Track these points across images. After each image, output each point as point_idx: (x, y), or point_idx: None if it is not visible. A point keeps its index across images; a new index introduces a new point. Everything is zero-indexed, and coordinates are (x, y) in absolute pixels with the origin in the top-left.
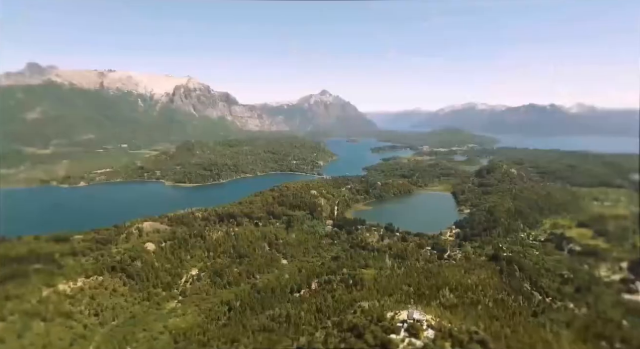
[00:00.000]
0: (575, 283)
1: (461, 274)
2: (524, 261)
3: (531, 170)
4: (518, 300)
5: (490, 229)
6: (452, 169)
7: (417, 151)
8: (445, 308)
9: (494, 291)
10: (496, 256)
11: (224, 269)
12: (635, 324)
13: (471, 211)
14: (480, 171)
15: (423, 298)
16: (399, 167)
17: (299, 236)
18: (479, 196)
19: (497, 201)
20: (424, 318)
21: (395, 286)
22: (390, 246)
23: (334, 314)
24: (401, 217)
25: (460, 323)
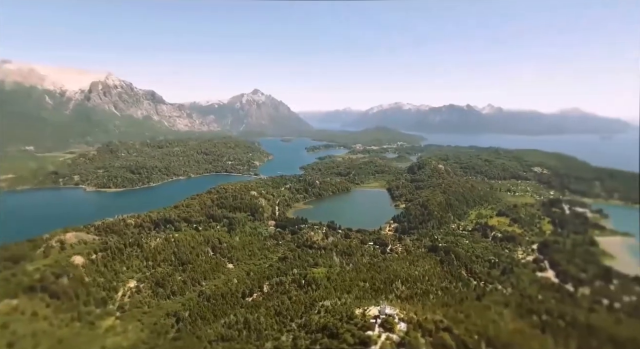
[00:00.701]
0: (500, 266)
1: (407, 267)
2: (458, 250)
3: (455, 166)
4: (459, 286)
5: (425, 222)
6: (386, 167)
7: (350, 149)
8: (402, 301)
9: (439, 280)
10: (434, 247)
11: (166, 279)
12: (547, 297)
13: (407, 205)
14: (411, 167)
15: (379, 292)
16: (335, 166)
17: (243, 239)
18: (412, 191)
19: (430, 195)
20: (394, 312)
21: (351, 283)
22: (336, 244)
23: (296, 315)
24: (342, 215)
25: (423, 313)
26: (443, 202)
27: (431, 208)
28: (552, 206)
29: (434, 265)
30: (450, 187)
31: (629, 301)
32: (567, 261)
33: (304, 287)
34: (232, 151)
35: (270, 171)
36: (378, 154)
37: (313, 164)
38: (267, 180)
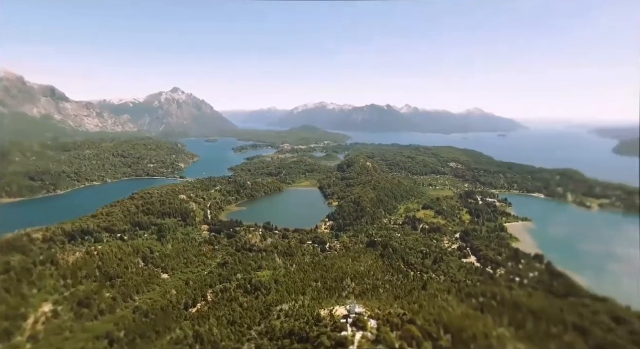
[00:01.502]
0: (431, 256)
1: (351, 263)
2: (394, 243)
3: (382, 163)
4: (400, 278)
5: (359, 218)
6: (315, 165)
7: (278, 149)
8: (355, 297)
9: (382, 274)
10: (372, 242)
11: (90, 297)
12: (474, 281)
13: (339, 203)
14: (340, 165)
15: (332, 291)
16: (264, 166)
17: (176, 246)
18: (343, 188)
19: (361, 192)
20: (363, 310)
21: (303, 284)
22: (275, 245)
23: (254, 323)
24: (277, 215)
25: (385, 308)
26: (374, 198)
27: (363, 204)
28: (468, 197)
29: (376, 259)
30: (379, 183)
31: (533, 276)
32: (485, 246)
33: (251, 292)
34: (154, 152)
35: (197, 172)
36: (306, 153)
37: (242, 165)
38: (195, 182)
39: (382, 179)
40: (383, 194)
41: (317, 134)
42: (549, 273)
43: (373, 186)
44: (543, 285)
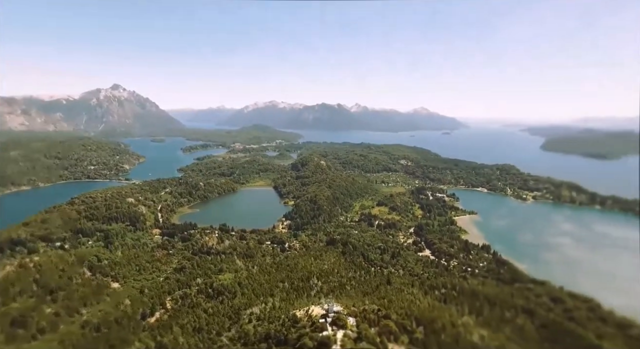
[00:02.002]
0: (389, 251)
1: (314, 262)
2: (352, 240)
3: (335, 161)
4: (362, 275)
5: (316, 216)
6: (269, 165)
7: (230, 148)
8: (325, 296)
9: (345, 271)
10: (332, 240)
11: (27, 315)
12: (431, 273)
13: (296, 202)
14: (295, 164)
15: (301, 291)
16: (216, 166)
17: (126, 253)
18: (299, 187)
19: (317, 190)
20: (341, 309)
21: (269, 286)
22: (234, 247)
23: (223, 328)
24: (232, 216)
25: (359, 305)
26: (330, 197)
27: (320, 203)
28: (419, 193)
29: (338, 257)
30: (335, 181)
31: (483, 266)
32: (438, 239)
33: (214, 297)
34: (94, 153)
35: (144, 174)
36: (259, 153)
37: (192, 165)
38: (144, 185)
39: (337, 177)
40: (339, 192)
41: (269, 133)
42: (496, 262)
43: (328, 185)
44: (492, 273)
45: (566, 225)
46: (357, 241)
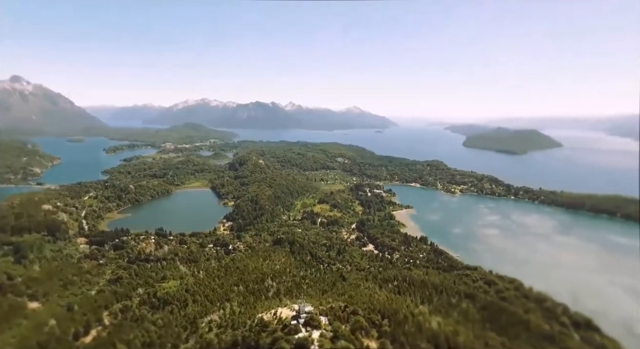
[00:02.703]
0: (334, 248)
1: (264, 263)
2: (298, 239)
3: (273, 160)
4: (313, 272)
5: (259, 216)
6: (205, 165)
7: (160, 148)
8: (284, 296)
9: (297, 270)
10: (279, 239)
11: None
12: (376, 266)
13: (236, 202)
14: (232, 164)
15: (258, 293)
16: (147, 167)
17: (46, 267)
18: (238, 188)
19: (257, 190)
20: (312, 308)
21: (223, 290)
22: (175, 252)
23: (180, 340)
24: (169, 220)
25: (326, 303)
26: (272, 196)
27: (262, 203)
28: (358, 190)
29: (287, 257)
30: (275, 180)
31: (423, 256)
32: (380, 234)
33: (160, 307)
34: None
35: (61, 178)
36: (193, 153)
37: (119, 167)
38: (62, 189)
39: (277, 176)
40: (280, 191)
41: (202, 132)
42: (433, 252)
43: (269, 184)
44: (431, 263)
45: (492, 217)
46: (302, 240)
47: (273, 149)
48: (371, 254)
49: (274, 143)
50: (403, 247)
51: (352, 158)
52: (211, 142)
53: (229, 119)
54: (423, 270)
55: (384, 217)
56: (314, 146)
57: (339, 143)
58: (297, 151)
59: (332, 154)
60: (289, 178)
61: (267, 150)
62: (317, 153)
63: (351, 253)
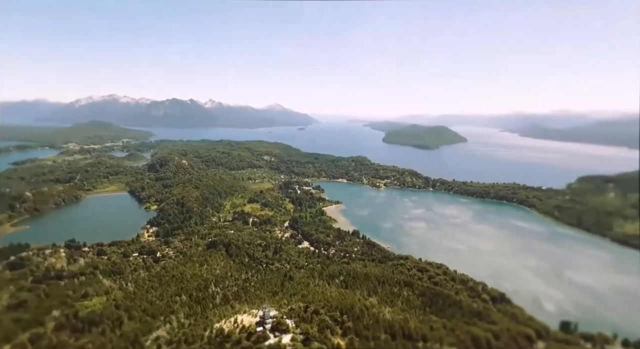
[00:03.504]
0: (270, 247)
1: (202, 269)
2: (234, 241)
3: (197, 160)
4: (254, 274)
5: (187, 219)
6: (120, 167)
7: (61, 149)
8: (233, 301)
9: (238, 272)
10: (213, 242)
11: None
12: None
13: (160, 206)
14: (152, 165)
15: (206, 301)
16: (46, 171)
17: None
18: (160, 190)
19: (183, 192)
20: (276, 312)
21: (166, 302)
22: (94, 265)
23: None
24: (81, 230)
25: (287, 305)
26: (199, 197)
27: (189, 205)
28: (287, 187)
29: (225, 260)
30: (201, 181)
31: (357, 249)
32: (315, 230)
33: (86, 329)
34: None
35: None
36: (103, 154)
37: (8, 172)
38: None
39: (203, 176)
40: (207, 192)
41: (113, 131)
42: (367, 245)
43: (195, 185)
44: (366, 256)
45: (417, 210)
46: (237, 241)
47: (195, 148)
48: (307, 251)
49: (196, 142)
50: (338, 242)
51: (278, 156)
52: (124, 142)
53: (142, 117)
54: (360, 263)
55: (316, 214)
56: (239, 145)
57: (265, 141)
58: (222, 150)
59: (258, 152)
60: (215, 178)
61: (189, 149)
62: (243, 152)
63: (288, 251)
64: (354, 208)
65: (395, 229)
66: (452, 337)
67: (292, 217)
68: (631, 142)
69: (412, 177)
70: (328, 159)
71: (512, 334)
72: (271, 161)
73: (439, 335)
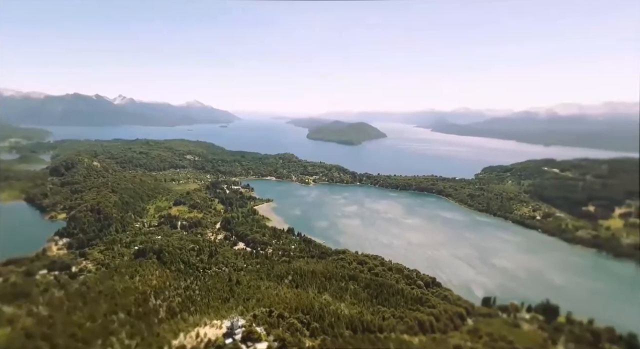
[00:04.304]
0: (204, 251)
1: (136, 281)
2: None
3: (110, 161)
4: (194, 281)
5: (106, 227)
6: (10, 171)
7: None
8: (182, 312)
9: (176, 281)
10: (141, 251)
11: None
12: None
13: (70, 214)
14: (55, 169)
15: (149, 316)
16: None
17: None
18: (69, 196)
19: (98, 197)
20: (244, 321)
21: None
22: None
23: None
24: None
25: (250, 311)
26: (118, 202)
27: (107, 211)
28: (215, 187)
29: (159, 268)
30: (119, 184)
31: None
32: (249, 230)
33: None
34: None
35: None
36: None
37: None
38: None
39: (120, 179)
40: (127, 196)
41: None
42: (303, 242)
43: (112, 189)
44: (305, 252)
45: (350, 208)
46: (168, 247)
47: (107, 148)
48: (244, 252)
49: (107, 142)
50: (274, 241)
51: (202, 155)
52: (13, 142)
53: (36, 114)
54: (301, 261)
55: (248, 213)
56: (158, 144)
57: (186, 139)
58: (139, 150)
59: (180, 151)
60: (135, 181)
61: (100, 150)
62: (163, 151)
63: (224, 254)
64: (286, 206)
65: (330, 227)
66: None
67: (224, 218)
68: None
69: (340, 173)
70: (255, 156)
71: (449, 315)
72: (195, 161)
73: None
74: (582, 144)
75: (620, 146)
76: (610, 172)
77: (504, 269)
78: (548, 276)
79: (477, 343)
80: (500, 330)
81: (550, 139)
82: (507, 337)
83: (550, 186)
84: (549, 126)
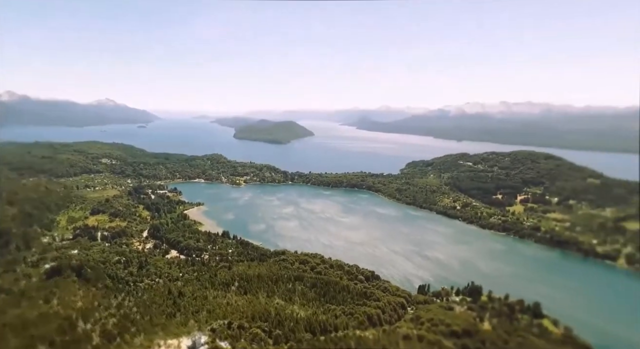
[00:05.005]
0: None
1: (56, 305)
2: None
3: (3, 167)
4: (125, 298)
5: (5, 246)
6: None
7: None
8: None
9: (105, 299)
10: (56, 269)
11: None
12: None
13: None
14: None
15: (76, 343)
16: None
17: None
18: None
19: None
20: (206, 337)
21: None
22: None
23: None
24: None
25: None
26: (19, 216)
27: (4, 226)
28: (138, 193)
29: (82, 287)
30: (17, 194)
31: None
32: (181, 237)
33: None
34: None
35: None
36: None
37: None
38: None
39: (18, 188)
40: (30, 207)
41: None
42: (241, 245)
43: (8, 200)
44: (243, 256)
45: (286, 209)
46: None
47: None
48: (178, 260)
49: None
50: (210, 246)
51: (121, 158)
52: None
53: None
54: (242, 264)
55: (178, 219)
56: (66, 147)
57: (100, 141)
58: (41, 154)
59: (94, 154)
60: (39, 189)
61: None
62: (73, 155)
63: (155, 264)
64: (218, 209)
65: (267, 229)
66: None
67: (152, 225)
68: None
69: (271, 172)
70: (180, 158)
71: (393, 306)
72: (113, 164)
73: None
74: (485, 138)
75: (515, 140)
76: (512, 164)
77: (438, 260)
78: (475, 262)
79: (420, 330)
80: (438, 315)
81: (461, 134)
82: (445, 320)
83: (465, 178)
84: (459, 123)
